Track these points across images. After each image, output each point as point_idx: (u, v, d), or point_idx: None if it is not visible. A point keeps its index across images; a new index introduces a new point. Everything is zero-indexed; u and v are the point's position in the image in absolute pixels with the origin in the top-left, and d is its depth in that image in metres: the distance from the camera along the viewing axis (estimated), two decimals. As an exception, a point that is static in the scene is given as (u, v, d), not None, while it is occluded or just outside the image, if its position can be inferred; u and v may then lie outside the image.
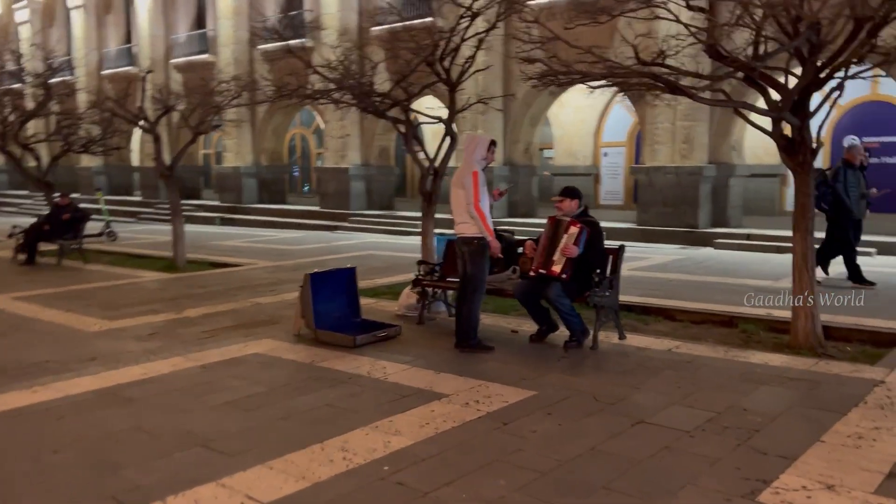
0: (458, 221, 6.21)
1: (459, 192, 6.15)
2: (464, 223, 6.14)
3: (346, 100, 8.95)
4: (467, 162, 6.20)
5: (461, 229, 6.17)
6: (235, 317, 7.86)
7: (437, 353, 6.15)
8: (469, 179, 6.06)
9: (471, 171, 6.10)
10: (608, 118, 20.80)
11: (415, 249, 14.64)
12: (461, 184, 6.13)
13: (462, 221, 6.16)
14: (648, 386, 5.10)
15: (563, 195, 6.39)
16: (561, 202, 6.36)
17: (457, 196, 6.19)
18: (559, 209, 6.37)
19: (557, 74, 6.63)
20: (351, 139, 21.19)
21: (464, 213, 6.14)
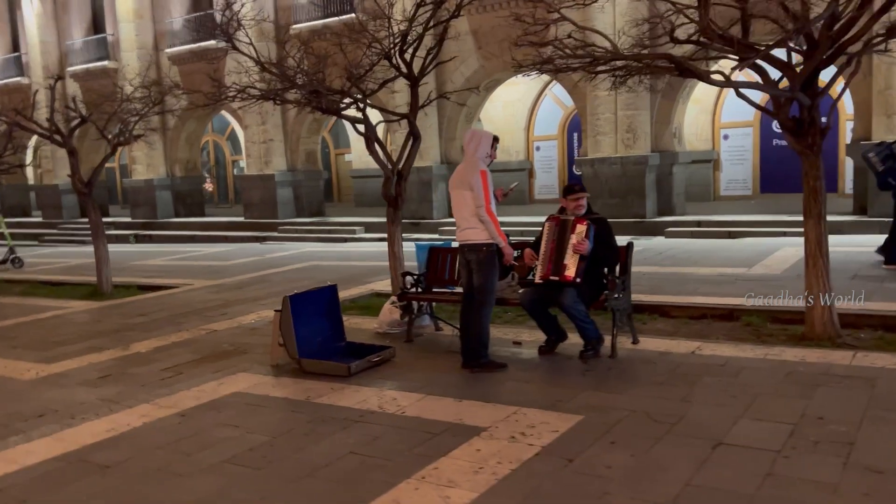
0: (463, 226, 5.57)
1: (465, 193, 5.51)
2: (470, 228, 5.52)
3: (296, 99, 8.14)
4: (471, 160, 5.58)
5: (468, 235, 5.54)
6: (195, 349, 6.95)
7: (445, 376, 5.50)
8: (477, 179, 5.43)
9: (477, 169, 5.48)
10: (539, 112, 20.56)
11: (362, 257, 13.92)
12: (467, 184, 5.49)
13: (468, 227, 5.52)
14: (698, 398, 4.62)
15: (581, 191, 5.84)
16: (581, 199, 5.81)
17: (461, 198, 5.55)
18: (574, 207, 5.81)
19: (554, 61, 6.07)
20: (274, 144, 20.13)
21: (470, 217, 5.51)
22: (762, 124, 17.71)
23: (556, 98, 20.14)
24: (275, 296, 9.77)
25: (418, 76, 8.10)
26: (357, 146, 24.35)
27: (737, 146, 18.04)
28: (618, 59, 5.77)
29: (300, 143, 20.28)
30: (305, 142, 20.39)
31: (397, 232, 8.47)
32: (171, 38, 21.97)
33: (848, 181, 16.67)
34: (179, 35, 21.79)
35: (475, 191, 5.45)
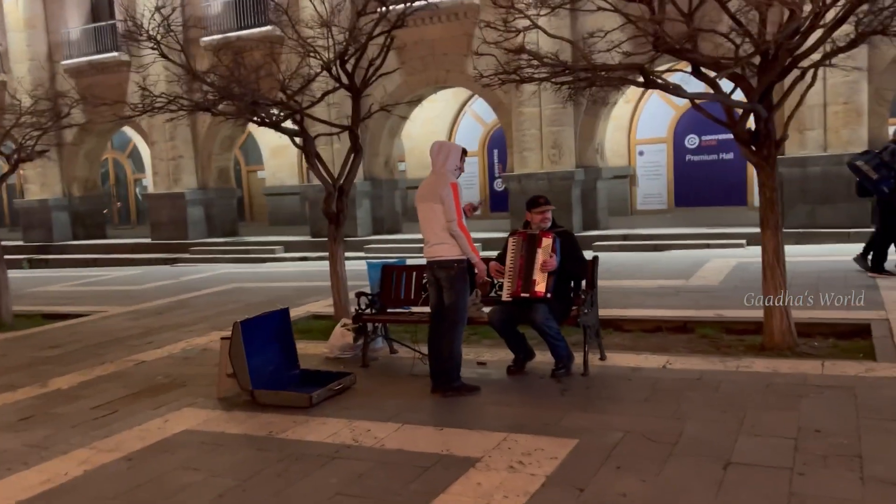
0: (431, 242, 5.28)
1: (434, 206, 5.22)
2: (440, 244, 5.22)
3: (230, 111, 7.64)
4: (440, 173, 5.30)
5: (437, 251, 5.24)
6: (125, 382, 6.32)
7: (416, 402, 5.17)
8: (448, 192, 5.16)
9: (448, 182, 5.20)
10: (459, 129, 20.51)
11: (288, 278, 13.34)
12: (437, 197, 5.20)
13: (438, 242, 5.23)
14: (688, 414, 4.49)
15: (547, 204, 5.65)
16: (547, 211, 5.62)
17: (431, 212, 5.26)
18: (540, 220, 5.62)
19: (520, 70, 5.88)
20: (184, 161, 19.20)
21: (440, 232, 5.22)
22: (675, 141, 18.29)
23: (475, 115, 20.17)
24: (201, 321, 9.16)
25: (361, 88, 7.78)
26: (270, 163, 23.63)
27: (652, 162, 18.55)
28: (590, 69, 5.61)
29: (212, 159, 19.43)
30: (217, 158, 19.56)
31: (340, 250, 8.07)
32: (67, 49, 20.66)
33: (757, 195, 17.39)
34: (77, 46, 20.53)
35: (446, 204, 5.18)
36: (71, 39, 20.67)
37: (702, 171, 18.02)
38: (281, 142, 23.14)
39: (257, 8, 17.95)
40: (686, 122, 18.11)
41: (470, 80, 15.61)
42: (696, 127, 18.03)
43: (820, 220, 12.60)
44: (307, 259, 16.54)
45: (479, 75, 6.48)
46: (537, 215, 5.66)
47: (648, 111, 18.37)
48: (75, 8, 20.90)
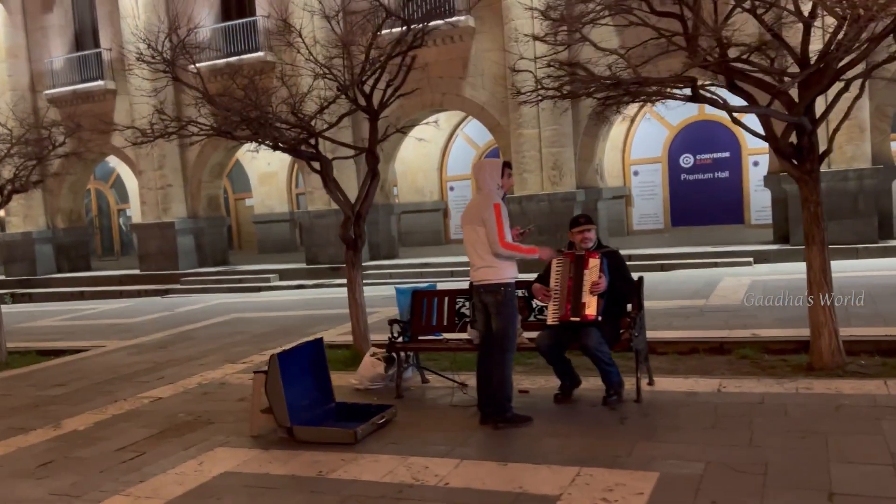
0: (477, 265, 5.02)
1: (478, 229, 4.98)
2: (486, 267, 4.97)
3: (243, 135, 7.37)
4: (483, 193, 5.07)
5: (482, 275, 4.99)
6: (145, 422, 5.96)
7: (467, 435, 4.89)
8: (491, 213, 4.92)
9: (491, 202, 4.97)
10: (451, 152, 20.37)
11: (289, 306, 12.99)
12: (479, 220, 4.97)
13: (483, 266, 4.98)
14: (764, 441, 4.26)
15: (588, 223, 5.44)
16: (588, 231, 5.41)
17: (474, 234, 5.02)
18: (584, 240, 5.41)
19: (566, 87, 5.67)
20: (173, 189, 18.81)
21: (485, 255, 4.97)
22: (670, 160, 18.29)
23: (467, 138, 20.06)
24: (210, 354, 8.80)
25: (378, 109, 7.57)
26: (259, 190, 23.31)
27: (647, 182, 18.52)
28: (641, 83, 5.42)
29: (201, 187, 19.06)
30: (207, 186, 19.19)
31: (358, 276, 7.79)
32: (50, 78, 20.27)
33: (754, 213, 17.43)
34: (61, 75, 20.14)
35: (488, 226, 4.94)
36: (55, 69, 20.28)
37: (697, 190, 18.02)
38: (269, 168, 22.95)
39: (247, 34, 17.74)
40: (680, 142, 18.13)
41: (466, 103, 15.53)
42: (690, 146, 18.06)
43: (827, 237, 12.50)
44: (304, 287, 16.19)
45: (516, 92, 6.21)
46: (578, 235, 5.45)
47: (643, 131, 18.38)
48: (58, 37, 20.54)
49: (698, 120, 17.74)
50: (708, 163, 17.88)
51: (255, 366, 7.87)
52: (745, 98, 6.08)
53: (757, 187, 17.31)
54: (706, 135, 17.81)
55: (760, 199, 17.24)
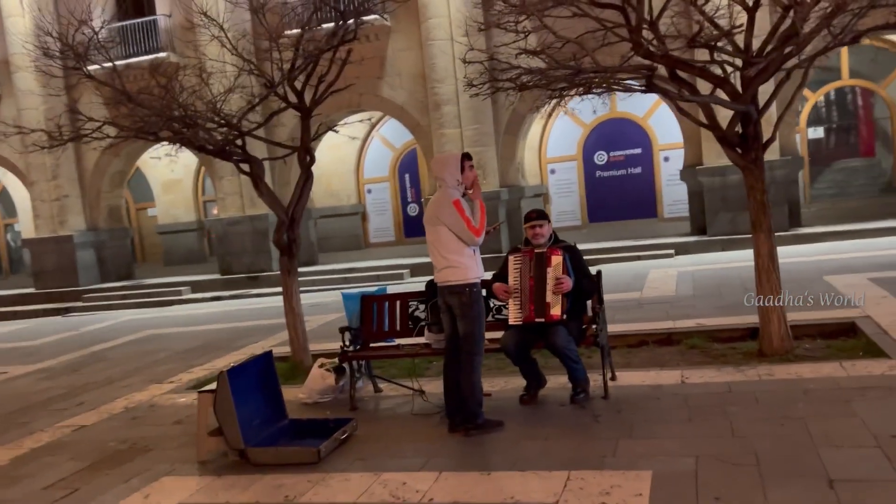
0: (440, 266, 4.77)
1: (439, 229, 4.73)
2: (449, 268, 4.72)
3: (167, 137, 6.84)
4: (442, 190, 4.82)
5: (446, 276, 4.74)
6: (71, 454, 5.38)
7: (437, 445, 4.62)
8: (451, 211, 4.67)
9: (450, 200, 4.72)
10: (367, 153, 19.99)
11: (209, 320, 12.29)
12: (436, 219, 4.72)
13: (446, 266, 4.73)
14: (746, 431, 4.21)
15: (539, 218, 5.27)
16: (540, 226, 5.24)
17: (435, 235, 4.76)
18: (535, 235, 5.24)
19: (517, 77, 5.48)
20: (70, 200, 17.59)
21: (448, 255, 4.72)
22: (585, 158, 18.58)
23: (384, 139, 19.74)
24: (132, 375, 8.16)
25: (311, 106, 7.19)
26: (163, 199, 22.18)
27: (563, 179, 18.74)
28: (601, 71, 5.29)
29: (101, 197, 17.91)
30: (107, 196, 18.05)
31: (294, 284, 7.38)
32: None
33: (667, 207, 17.93)
34: None
35: (452, 225, 4.69)
36: None
37: (612, 186, 18.38)
38: (173, 176, 21.87)
39: (148, 33, 16.80)
40: (594, 140, 18.45)
41: (384, 103, 15.23)
42: (603, 144, 18.41)
43: (741, 227, 12.96)
44: (220, 299, 15.44)
45: (468, 84, 5.98)
46: (530, 230, 5.27)
47: (557, 129, 18.59)
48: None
49: (611, 118, 18.10)
50: (621, 160, 18.27)
51: (184, 385, 7.35)
52: (688, 88, 6.09)
53: (669, 182, 17.82)
54: (618, 132, 18.19)
55: (672, 193, 17.75)
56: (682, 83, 5.99)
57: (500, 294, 5.27)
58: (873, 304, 7.02)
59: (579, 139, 18.52)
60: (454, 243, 4.72)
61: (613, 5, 5.82)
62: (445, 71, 14.20)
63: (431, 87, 14.40)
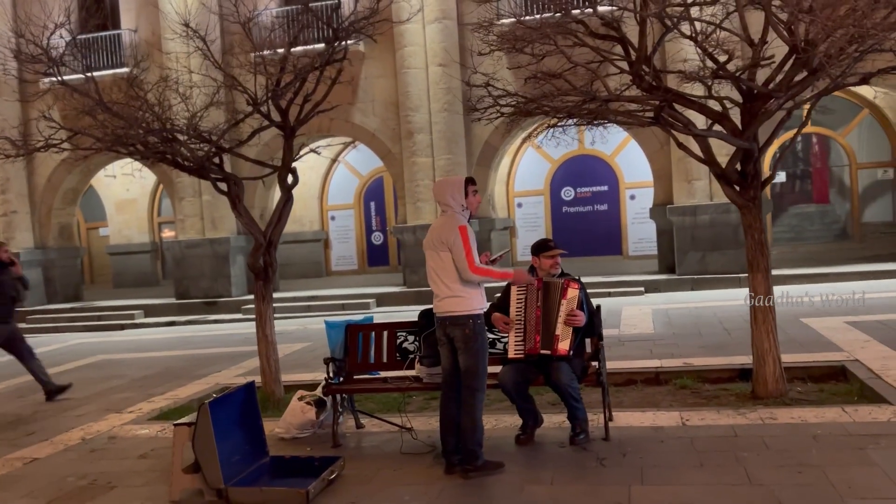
0: (442, 295, 4.50)
1: (442, 254, 4.48)
2: (452, 297, 4.47)
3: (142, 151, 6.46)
4: (448, 214, 4.58)
5: (448, 306, 4.48)
6: (25, 489, 4.90)
7: (435, 488, 4.31)
8: (456, 236, 4.44)
9: (456, 224, 4.49)
10: (332, 180, 19.65)
11: (164, 346, 11.72)
12: (441, 244, 4.48)
13: (450, 295, 4.47)
14: (763, 478, 4.01)
15: (557, 248, 5.07)
16: (554, 256, 5.03)
17: (438, 261, 4.51)
18: (550, 266, 5.03)
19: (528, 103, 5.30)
20: (19, 216, 16.82)
21: (451, 284, 4.47)
22: (552, 192, 18.59)
23: (349, 166, 19.45)
24: (87, 403, 7.63)
25: (295, 126, 6.91)
26: (115, 219, 21.41)
27: (530, 213, 18.70)
28: (613, 99, 5.14)
29: (52, 214, 17.17)
30: (59, 213, 17.32)
31: (269, 310, 7.01)
32: None
33: (632, 244, 18.01)
34: None
35: (455, 250, 4.46)
36: None
37: (578, 222, 18.39)
38: (128, 195, 21.17)
39: (110, 48, 16.30)
40: (562, 175, 18.49)
41: (356, 129, 14.99)
42: (570, 179, 18.46)
43: (711, 266, 13.05)
44: (175, 324, 14.81)
45: (471, 108, 5.77)
46: (547, 260, 5.06)
47: (525, 163, 18.59)
48: None
49: (578, 154, 18.17)
50: (587, 196, 18.32)
51: (145, 415, 6.88)
52: (683, 123, 6.00)
53: (634, 220, 17.92)
54: (586, 169, 18.27)
55: (637, 231, 17.84)
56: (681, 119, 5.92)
57: (499, 325, 5.03)
58: (858, 347, 6.99)
59: (547, 174, 18.54)
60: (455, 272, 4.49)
61: (613, 37, 5.74)
62: (419, 99, 14.07)
63: (405, 115, 14.23)
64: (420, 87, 14.10)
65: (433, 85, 14.05)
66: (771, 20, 5.05)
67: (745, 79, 5.46)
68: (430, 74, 14.06)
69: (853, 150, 16.93)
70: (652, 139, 13.85)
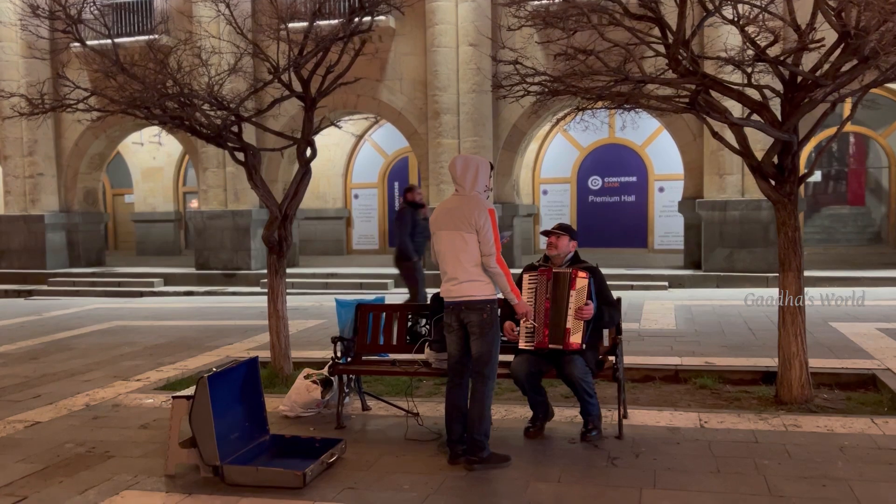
0: (460, 279, 4.30)
1: (466, 236, 4.29)
2: (472, 281, 4.28)
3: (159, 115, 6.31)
4: (472, 195, 4.39)
5: (466, 290, 4.28)
6: (22, 453, 4.81)
7: (437, 478, 4.14)
8: (486, 220, 4.25)
9: (484, 207, 4.31)
10: (357, 158, 19.49)
11: (180, 315, 11.67)
12: (469, 225, 4.28)
13: (469, 279, 4.28)
14: (785, 490, 3.78)
15: (558, 229, 4.84)
16: (557, 238, 4.80)
17: (461, 242, 4.30)
18: (550, 247, 4.81)
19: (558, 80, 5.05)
20: (45, 179, 16.86)
21: (470, 268, 4.28)
22: (578, 181, 18.27)
23: (375, 145, 19.27)
24: (95, 368, 7.57)
25: (316, 97, 6.73)
26: (141, 186, 21.47)
27: (555, 201, 18.41)
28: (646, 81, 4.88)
29: (78, 179, 17.20)
30: (85, 178, 17.34)
31: (281, 285, 6.87)
32: None
33: (658, 238, 17.66)
34: None
35: (482, 234, 4.27)
36: None
37: (604, 213, 18.07)
38: (154, 163, 21.21)
39: (142, 14, 16.22)
40: (590, 164, 18.16)
41: (382, 107, 14.78)
42: (599, 168, 18.12)
43: (738, 264, 12.70)
44: (193, 294, 14.80)
45: (498, 85, 5.52)
46: (551, 241, 4.84)
47: (553, 150, 18.28)
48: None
49: (608, 143, 17.83)
50: (615, 186, 17.98)
51: (152, 384, 6.79)
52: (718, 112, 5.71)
53: (661, 213, 17.56)
54: (615, 158, 17.92)
55: (664, 224, 17.49)
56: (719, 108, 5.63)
57: (508, 334, 4.75)
58: (890, 355, 6.69)
59: (575, 162, 18.22)
60: (478, 255, 4.30)
61: (651, 18, 5.46)
62: (448, 79, 13.80)
63: (433, 95, 13.98)
64: (450, 66, 13.83)
65: (463, 65, 13.78)
66: (821, 4, 4.76)
67: (790, 64, 5.15)
68: (460, 54, 13.78)
69: (894, 152, 16.39)
70: (685, 130, 13.48)
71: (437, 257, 4.44)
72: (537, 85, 5.09)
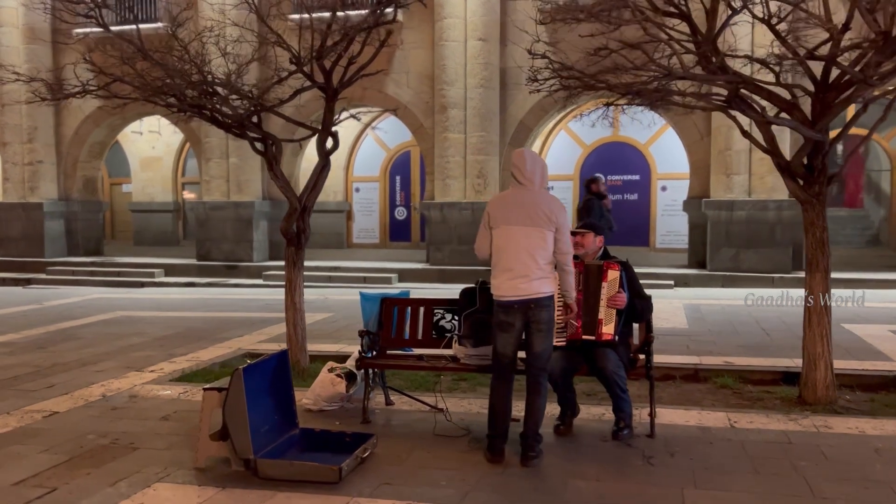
0: (531, 276, 4.22)
1: (544, 233, 4.26)
2: (543, 279, 4.25)
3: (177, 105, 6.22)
4: (544, 192, 4.41)
5: (537, 287, 4.22)
6: (45, 444, 4.73)
7: (474, 474, 4.10)
8: (566, 217, 4.29)
9: (561, 205, 4.34)
10: (359, 151, 19.38)
11: (185, 306, 11.58)
12: (549, 222, 4.25)
13: (541, 276, 4.24)
14: (827, 493, 3.76)
15: (583, 227, 4.86)
16: (582, 236, 4.80)
17: (538, 238, 4.25)
18: (577, 247, 4.79)
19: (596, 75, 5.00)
20: (44, 167, 16.68)
21: (544, 265, 4.25)
22: (581, 178, 18.21)
23: (377, 139, 19.16)
24: (106, 358, 7.48)
25: (338, 88, 6.66)
26: (140, 176, 21.30)
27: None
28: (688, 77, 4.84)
29: (77, 167, 17.02)
30: (84, 166, 17.16)
31: (299, 277, 6.80)
32: None
33: (660, 237, 17.67)
34: None
35: (562, 232, 4.28)
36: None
37: (622, 210, 18.02)
38: (153, 153, 21.03)
39: (146, 2, 16.05)
40: (593, 161, 18.12)
41: (388, 100, 14.68)
42: (602, 166, 18.04)
43: (744, 264, 12.71)
44: (194, 285, 14.69)
45: (531, 78, 5.45)
46: (576, 240, 4.82)
47: (557, 147, 18.23)
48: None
49: (612, 141, 17.80)
50: (618, 184, 17.95)
51: (167, 376, 6.72)
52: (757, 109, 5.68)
53: (664, 212, 17.55)
54: (618, 156, 17.89)
55: (666, 223, 17.48)
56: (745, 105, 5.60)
57: None
58: (908, 358, 6.70)
59: (578, 159, 18.18)
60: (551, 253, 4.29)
61: (681, 14, 5.42)
62: (456, 73, 13.73)
63: (440, 89, 13.91)
64: (457, 60, 13.75)
65: (471, 60, 13.70)
66: (859, 3, 4.73)
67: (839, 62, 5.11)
68: (468, 48, 13.70)
69: None
70: (692, 129, 13.47)
71: (494, 251, 4.36)
72: (573, 79, 5.03)
